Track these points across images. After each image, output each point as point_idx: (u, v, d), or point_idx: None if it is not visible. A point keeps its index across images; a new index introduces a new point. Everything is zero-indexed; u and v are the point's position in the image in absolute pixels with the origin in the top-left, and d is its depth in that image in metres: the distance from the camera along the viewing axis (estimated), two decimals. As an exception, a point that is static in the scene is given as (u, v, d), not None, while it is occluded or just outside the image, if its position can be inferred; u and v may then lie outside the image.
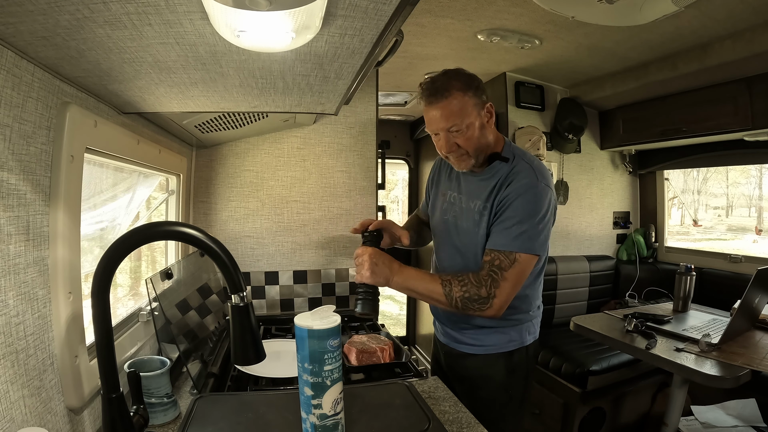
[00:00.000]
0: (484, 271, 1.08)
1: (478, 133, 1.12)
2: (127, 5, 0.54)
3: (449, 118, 1.09)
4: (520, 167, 1.14)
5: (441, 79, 1.10)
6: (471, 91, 1.09)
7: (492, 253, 1.09)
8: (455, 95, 1.07)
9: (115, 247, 0.65)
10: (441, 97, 1.08)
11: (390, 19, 0.62)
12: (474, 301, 1.06)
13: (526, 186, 1.09)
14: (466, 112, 1.09)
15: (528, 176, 1.11)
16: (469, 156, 1.14)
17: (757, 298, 1.61)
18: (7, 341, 0.63)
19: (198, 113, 1.24)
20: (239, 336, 0.71)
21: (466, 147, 1.12)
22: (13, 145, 0.65)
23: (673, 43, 1.89)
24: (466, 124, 1.09)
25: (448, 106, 1.08)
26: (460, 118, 1.08)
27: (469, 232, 1.20)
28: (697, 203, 3.21)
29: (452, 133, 1.11)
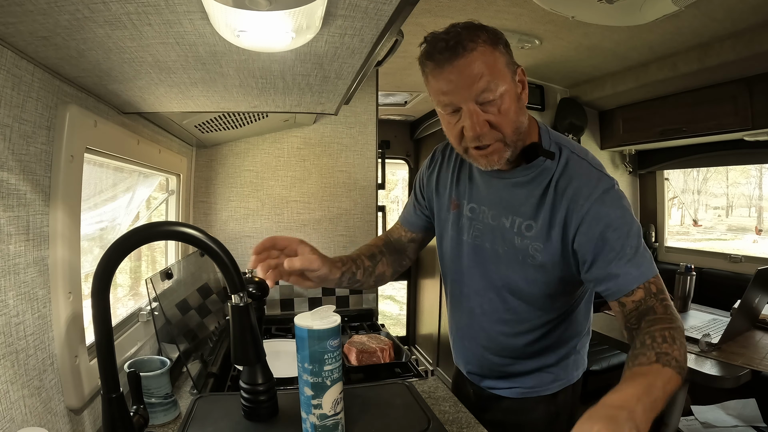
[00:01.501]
0: (659, 307, 0.75)
1: (515, 107, 0.78)
2: (127, 5, 0.54)
3: (478, 81, 0.74)
4: (575, 166, 0.83)
5: (456, 30, 0.76)
6: (501, 46, 0.78)
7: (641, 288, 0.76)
8: (479, 48, 0.74)
9: (115, 247, 0.65)
10: (463, 50, 0.74)
11: (390, 19, 0.62)
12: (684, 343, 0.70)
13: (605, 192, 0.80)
14: (500, 73, 0.76)
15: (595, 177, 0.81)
16: (504, 144, 0.80)
17: (757, 298, 1.61)
18: (7, 341, 0.63)
19: (198, 113, 1.24)
20: (239, 336, 0.71)
21: (503, 126, 0.78)
22: (13, 145, 0.65)
23: (673, 43, 1.89)
24: (500, 92, 0.76)
25: (474, 62, 0.74)
26: (494, 81, 0.75)
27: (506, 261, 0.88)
28: (697, 203, 3.21)
29: (482, 105, 0.76)
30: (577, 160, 0.84)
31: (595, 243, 0.78)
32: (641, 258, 0.77)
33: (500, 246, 0.89)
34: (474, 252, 0.94)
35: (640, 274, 0.76)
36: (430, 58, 0.77)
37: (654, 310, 0.75)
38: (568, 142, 0.89)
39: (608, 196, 0.79)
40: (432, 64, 0.78)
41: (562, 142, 0.88)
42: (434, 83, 0.79)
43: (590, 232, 0.78)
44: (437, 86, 0.78)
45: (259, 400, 0.81)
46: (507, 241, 0.88)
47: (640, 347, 0.69)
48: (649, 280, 0.76)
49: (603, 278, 0.78)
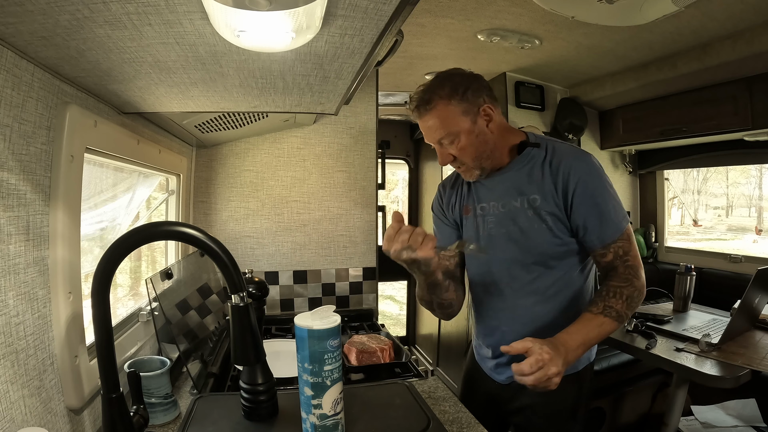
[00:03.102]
0: (620, 268, 1.00)
1: (475, 141, 1.03)
2: (127, 5, 0.54)
3: (436, 131, 1.02)
4: (561, 148, 1.05)
5: (427, 88, 1.03)
6: (457, 98, 1.01)
7: (610, 248, 1.00)
8: (437, 105, 1.01)
9: (115, 247, 0.65)
10: (424, 110, 1.02)
11: (390, 19, 0.62)
12: (636, 299, 0.98)
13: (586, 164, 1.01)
14: (451, 121, 1.01)
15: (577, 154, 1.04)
16: (468, 167, 1.06)
17: (757, 298, 1.61)
18: (7, 341, 0.63)
19: (198, 113, 1.24)
20: (239, 336, 0.71)
21: (462, 158, 1.04)
22: (13, 145, 0.65)
23: (673, 43, 1.89)
24: (455, 134, 1.02)
25: (431, 118, 1.02)
26: (446, 129, 1.01)
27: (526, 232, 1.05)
28: (697, 203, 3.21)
29: (443, 144, 1.04)
30: (559, 144, 1.07)
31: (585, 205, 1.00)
32: (613, 217, 1.00)
33: (514, 225, 1.07)
34: (492, 240, 1.10)
35: (610, 234, 1.00)
36: (411, 111, 1.06)
37: (617, 270, 1.00)
38: (550, 138, 1.10)
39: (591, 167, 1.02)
40: (413, 116, 1.07)
41: (543, 138, 1.09)
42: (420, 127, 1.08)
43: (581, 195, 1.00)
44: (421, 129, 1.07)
45: (259, 400, 0.81)
46: (520, 218, 1.06)
47: (596, 296, 1.00)
48: (619, 245, 1.00)
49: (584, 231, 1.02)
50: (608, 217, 1.00)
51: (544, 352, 0.85)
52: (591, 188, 1.00)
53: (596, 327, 0.95)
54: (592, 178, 1.00)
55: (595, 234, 1.00)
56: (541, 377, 0.84)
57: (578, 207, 1.00)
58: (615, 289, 0.98)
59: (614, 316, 0.96)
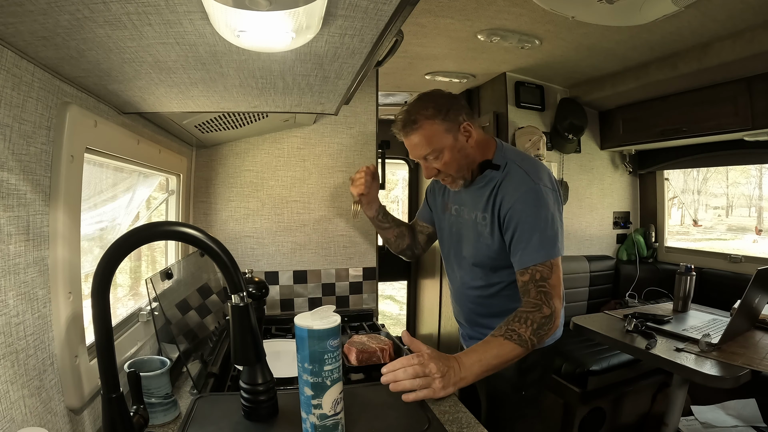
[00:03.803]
0: (533, 292, 1.05)
1: (457, 155, 1.14)
2: (127, 5, 0.54)
3: (421, 148, 1.13)
4: (513, 173, 1.14)
5: (411, 108, 1.13)
6: (440, 117, 1.11)
7: (528, 270, 1.07)
8: (423, 125, 1.10)
9: (115, 247, 0.65)
10: (410, 129, 1.12)
11: (390, 19, 0.62)
12: (543, 326, 1.02)
13: (525, 192, 1.09)
14: (436, 139, 1.11)
15: (522, 181, 1.11)
16: (453, 178, 1.18)
17: (757, 298, 1.61)
18: (7, 341, 0.63)
19: (198, 113, 1.24)
20: (239, 336, 0.71)
21: (446, 171, 1.16)
22: (13, 145, 0.65)
23: (673, 43, 1.90)
24: (439, 150, 1.12)
25: (417, 136, 1.12)
26: (431, 146, 1.12)
27: (472, 241, 1.22)
28: (697, 203, 3.21)
29: (428, 160, 1.15)
30: (515, 169, 1.14)
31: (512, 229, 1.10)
32: (540, 246, 1.06)
33: (469, 232, 1.24)
34: (455, 239, 1.31)
35: (532, 259, 1.07)
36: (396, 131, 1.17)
37: (529, 293, 1.06)
38: (516, 155, 1.19)
39: (530, 195, 1.09)
40: (398, 135, 1.18)
41: (510, 156, 1.18)
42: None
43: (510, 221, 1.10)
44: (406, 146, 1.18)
45: (259, 400, 0.81)
46: (473, 229, 1.22)
47: (504, 320, 1.04)
48: (537, 269, 1.06)
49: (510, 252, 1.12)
50: (530, 246, 1.07)
51: (424, 352, 0.90)
52: (518, 216, 1.09)
53: (495, 347, 0.99)
54: (523, 206, 1.08)
55: (516, 256, 1.10)
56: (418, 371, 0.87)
57: (506, 230, 1.12)
58: (521, 314, 1.03)
59: (516, 340, 0.99)
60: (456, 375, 0.90)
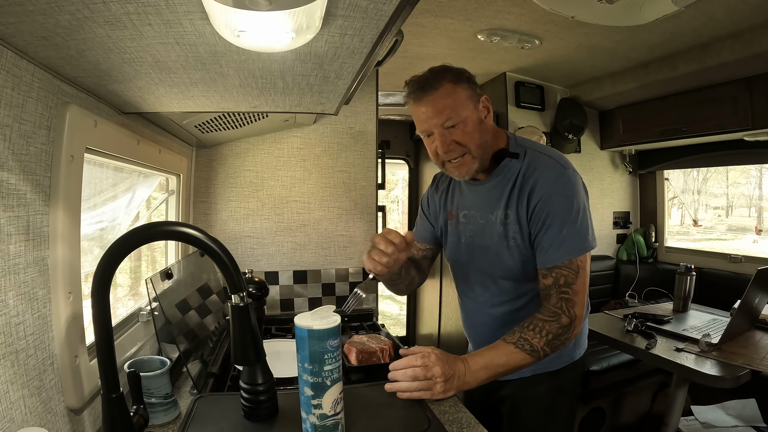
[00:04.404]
0: (554, 298, 0.95)
1: (479, 128, 0.99)
2: (127, 5, 0.54)
3: (443, 111, 0.96)
4: (537, 160, 1.01)
5: (429, 73, 0.99)
6: (463, 82, 0.98)
7: (552, 272, 0.95)
8: (445, 85, 0.96)
9: (115, 247, 0.65)
10: (431, 89, 0.96)
11: (390, 19, 0.62)
12: (560, 336, 0.93)
13: (556, 179, 0.97)
14: (460, 103, 0.97)
15: (552, 167, 0.98)
16: (471, 156, 1.00)
17: (757, 298, 1.61)
18: (7, 341, 0.63)
19: (198, 113, 1.24)
20: (239, 336, 0.71)
21: (467, 143, 0.98)
22: (13, 145, 0.65)
23: (673, 43, 1.89)
24: (462, 118, 0.97)
25: (439, 98, 0.96)
26: (455, 110, 0.96)
27: (495, 249, 1.05)
28: (697, 203, 3.21)
29: (448, 129, 0.97)
30: (538, 155, 1.02)
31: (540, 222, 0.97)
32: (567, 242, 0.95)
33: (489, 239, 1.07)
34: (469, 250, 1.13)
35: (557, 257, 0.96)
36: (410, 93, 1.01)
37: (550, 299, 0.96)
38: (532, 143, 1.06)
39: (560, 182, 0.97)
40: (412, 99, 1.01)
41: (526, 144, 1.05)
42: (414, 115, 1.02)
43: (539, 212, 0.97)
44: (416, 117, 1.02)
45: (259, 400, 0.81)
46: (494, 233, 1.06)
47: (519, 325, 0.96)
48: (562, 273, 0.95)
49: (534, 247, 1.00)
50: (558, 240, 0.95)
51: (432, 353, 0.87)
52: (549, 207, 0.96)
53: (504, 355, 0.92)
54: (556, 196, 0.95)
55: (542, 253, 0.97)
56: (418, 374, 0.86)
57: (534, 224, 0.98)
58: (537, 323, 0.94)
59: (527, 350, 0.92)
60: (460, 379, 0.88)
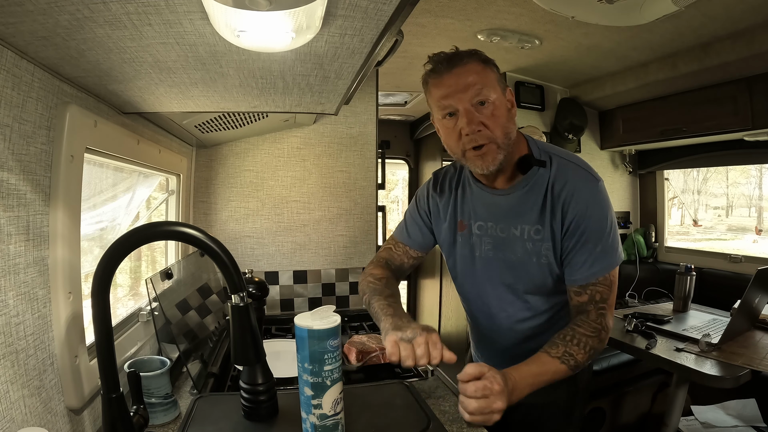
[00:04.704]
0: (593, 314, 0.90)
1: (506, 114, 0.91)
2: (127, 5, 0.54)
3: (472, 86, 0.87)
4: (566, 170, 0.94)
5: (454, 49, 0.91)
6: (492, 66, 0.91)
7: (587, 289, 0.91)
8: (475, 63, 0.88)
9: (115, 247, 0.65)
10: (459, 62, 0.88)
11: (390, 19, 0.62)
12: (597, 351, 0.90)
13: (590, 193, 0.91)
14: (490, 82, 0.89)
15: (585, 179, 0.93)
16: (497, 146, 0.89)
17: (757, 298, 1.61)
18: (7, 341, 0.63)
19: (198, 113, 1.24)
20: (239, 336, 0.71)
21: (494, 129, 0.88)
22: (13, 145, 0.65)
23: (673, 43, 1.89)
24: (492, 98, 0.88)
25: (468, 72, 0.87)
26: (485, 87, 0.87)
27: (521, 265, 0.98)
28: (697, 203, 3.21)
29: (475, 106, 0.88)
30: (565, 164, 0.95)
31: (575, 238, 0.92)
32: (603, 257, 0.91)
33: (512, 254, 0.99)
34: (487, 265, 1.03)
35: (594, 273, 0.91)
36: (433, 70, 0.90)
37: (588, 314, 0.91)
38: (553, 148, 1.00)
39: (594, 195, 0.92)
40: (434, 75, 0.90)
41: (549, 150, 0.98)
42: (435, 91, 0.91)
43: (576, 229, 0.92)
44: (438, 93, 0.91)
45: (259, 400, 0.81)
46: (519, 248, 0.98)
47: (560, 337, 0.90)
48: (598, 289, 0.91)
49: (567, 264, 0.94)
50: (593, 257, 0.90)
51: (495, 382, 0.77)
52: (585, 224, 0.90)
53: (550, 371, 0.87)
54: (591, 212, 0.91)
55: (575, 269, 0.92)
56: (484, 407, 0.76)
57: (567, 240, 0.93)
58: (581, 338, 0.89)
59: (572, 365, 0.87)
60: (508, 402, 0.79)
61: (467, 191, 1.06)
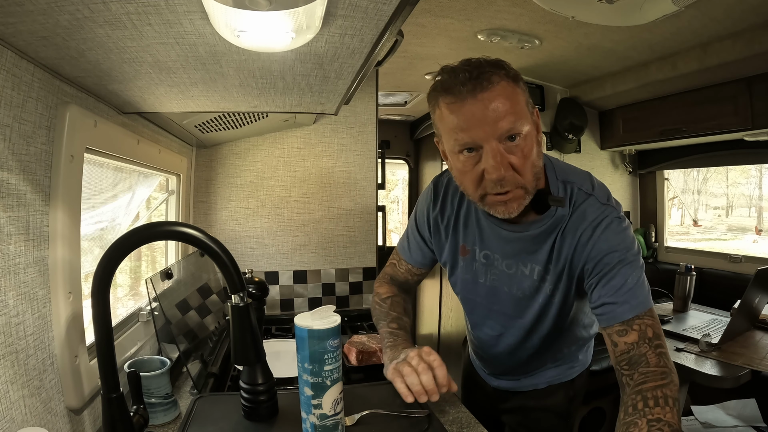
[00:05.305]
0: (652, 357, 0.71)
1: (535, 149, 0.76)
2: (127, 5, 0.54)
3: (504, 117, 0.70)
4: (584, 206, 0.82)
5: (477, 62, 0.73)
6: (521, 84, 0.75)
7: (634, 325, 0.74)
8: (504, 84, 0.71)
9: (115, 247, 0.65)
10: (488, 83, 0.69)
11: (390, 19, 0.62)
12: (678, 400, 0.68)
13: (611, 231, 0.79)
14: (521, 110, 0.73)
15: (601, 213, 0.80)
16: (524, 191, 0.76)
17: (757, 298, 1.61)
18: (7, 341, 0.63)
19: (198, 113, 1.24)
20: (239, 336, 0.71)
21: (524, 172, 0.74)
22: (13, 145, 0.65)
23: (673, 43, 1.89)
24: (525, 132, 0.73)
25: (497, 98, 0.70)
26: (518, 117, 0.71)
27: (527, 301, 0.91)
28: (697, 203, 3.21)
29: (504, 143, 0.72)
30: (584, 197, 0.83)
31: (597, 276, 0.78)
32: (638, 290, 0.75)
33: (518, 291, 0.91)
34: (492, 294, 0.96)
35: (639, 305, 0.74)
36: (449, 90, 0.72)
37: (647, 360, 0.71)
38: (572, 174, 0.87)
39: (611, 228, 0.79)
40: (450, 97, 0.72)
41: (568, 179, 0.85)
42: (451, 118, 0.73)
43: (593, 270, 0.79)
44: (455, 122, 0.73)
45: (259, 400, 0.81)
46: (526, 286, 0.89)
47: (632, 412, 0.66)
48: (646, 323, 0.73)
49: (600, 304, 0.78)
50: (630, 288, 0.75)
51: None
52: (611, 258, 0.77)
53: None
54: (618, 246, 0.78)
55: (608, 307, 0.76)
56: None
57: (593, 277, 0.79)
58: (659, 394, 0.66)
59: None
60: None
61: (472, 216, 0.94)
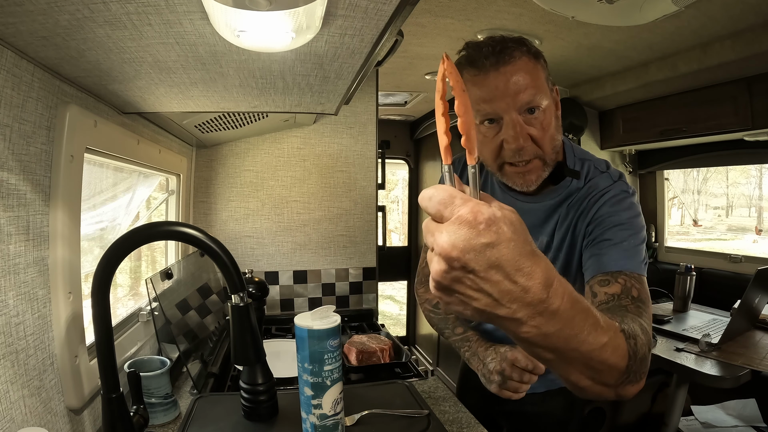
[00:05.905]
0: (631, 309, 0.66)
1: (555, 123, 0.79)
2: (127, 5, 0.54)
3: (524, 90, 0.73)
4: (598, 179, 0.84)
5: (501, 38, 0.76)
6: (542, 61, 0.77)
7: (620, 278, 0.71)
8: (526, 59, 0.74)
9: (115, 247, 0.65)
10: (508, 57, 0.73)
11: (390, 19, 0.62)
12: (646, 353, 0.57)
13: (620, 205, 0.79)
14: (541, 85, 0.75)
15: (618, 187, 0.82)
16: (543, 162, 0.79)
17: (757, 298, 1.61)
18: (7, 341, 0.63)
19: (198, 113, 1.24)
20: (239, 336, 0.71)
21: (543, 143, 0.77)
22: (13, 145, 0.65)
23: (673, 43, 1.89)
24: (544, 105, 0.75)
25: (519, 71, 0.73)
26: (538, 91, 0.74)
27: None
28: (697, 203, 3.21)
29: (524, 115, 0.75)
30: (598, 174, 0.85)
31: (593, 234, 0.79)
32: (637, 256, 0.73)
33: None
34: None
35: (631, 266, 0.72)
36: (473, 63, 0.76)
37: (627, 310, 0.65)
38: (590, 155, 0.89)
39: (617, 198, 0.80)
40: (474, 70, 0.76)
41: (584, 157, 0.88)
42: (474, 90, 0.76)
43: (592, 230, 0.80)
44: (478, 93, 0.76)
45: (259, 400, 0.81)
46: None
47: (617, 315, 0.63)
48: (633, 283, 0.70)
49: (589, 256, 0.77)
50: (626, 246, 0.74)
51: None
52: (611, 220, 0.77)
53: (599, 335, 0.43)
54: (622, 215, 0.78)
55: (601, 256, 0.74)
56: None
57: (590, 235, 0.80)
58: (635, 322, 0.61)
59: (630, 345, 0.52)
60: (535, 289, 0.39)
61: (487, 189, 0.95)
